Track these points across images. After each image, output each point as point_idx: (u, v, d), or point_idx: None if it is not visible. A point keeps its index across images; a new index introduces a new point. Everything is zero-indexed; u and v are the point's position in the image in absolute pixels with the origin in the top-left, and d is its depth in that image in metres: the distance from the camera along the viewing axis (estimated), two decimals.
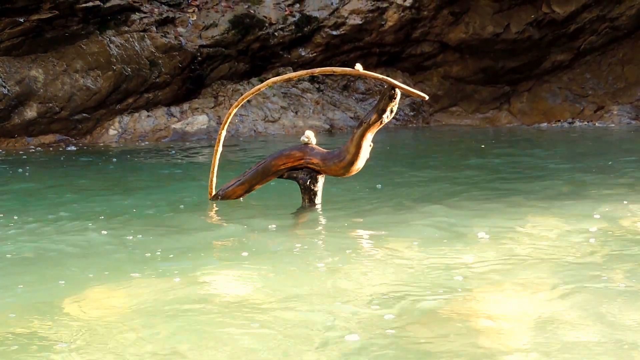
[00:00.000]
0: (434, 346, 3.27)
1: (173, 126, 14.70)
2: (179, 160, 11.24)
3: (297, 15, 16.02)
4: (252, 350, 3.26)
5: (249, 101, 15.15)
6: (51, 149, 13.24)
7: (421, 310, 3.72)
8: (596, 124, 16.94)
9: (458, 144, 13.63)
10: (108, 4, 13.85)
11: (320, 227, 5.87)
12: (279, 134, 15.21)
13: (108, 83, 14.08)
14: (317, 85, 16.68)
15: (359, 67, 5.94)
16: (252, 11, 15.66)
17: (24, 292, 4.14)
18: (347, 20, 16.18)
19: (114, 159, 11.60)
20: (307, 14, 16.07)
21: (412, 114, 17.51)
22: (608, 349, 3.20)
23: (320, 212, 6.28)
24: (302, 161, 6.33)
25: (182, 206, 6.82)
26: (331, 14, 16.16)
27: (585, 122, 17.21)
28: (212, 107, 15.39)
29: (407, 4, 16.31)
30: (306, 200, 6.43)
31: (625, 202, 6.45)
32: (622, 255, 4.71)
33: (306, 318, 3.64)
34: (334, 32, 16.18)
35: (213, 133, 14.38)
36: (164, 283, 4.24)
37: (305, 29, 16.02)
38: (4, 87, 13.17)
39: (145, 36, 14.47)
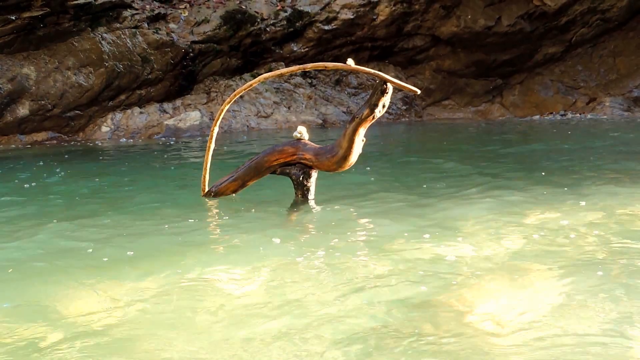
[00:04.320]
0: (427, 337, 3.29)
1: (166, 122, 14.69)
2: (172, 157, 11.23)
3: (289, 10, 16.01)
4: (251, 349, 3.29)
5: (241, 97, 15.15)
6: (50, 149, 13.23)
7: (415, 302, 3.75)
8: (588, 116, 17.00)
9: (451, 137, 13.65)
10: (99, 1, 13.82)
11: (314, 222, 5.89)
12: (271, 129, 15.21)
13: (100, 80, 14.06)
14: (309, 80, 16.68)
15: (350, 62, 5.95)
16: (243, 7, 15.65)
17: (20, 287, 4.16)
18: (338, 15, 16.19)
19: (106, 156, 11.59)
20: (299, 8, 16.06)
21: (404, 108, 17.53)
22: (603, 340, 3.24)
23: (314, 207, 6.30)
24: (295, 157, 6.35)
25: (174, 203, 6.82)
26: (323, 8, 16.15)
27: (578, 114, 17.27)
28: (205, 103, 15.38)
29: None
30: (299, 195, 6.45)
31: (622, 194, 6.49)
32: (619, 246, 4.74)
33: (300, 312, 3.67)
34: (326, 27, 16.18)
35: (205, 129, 14.38)
36: (155, 281, 4.25)
37: (297, 24, 16.02)
38: None
39: (137, 33, 14.44)
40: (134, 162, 10.66)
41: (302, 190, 6.42)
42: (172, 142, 13.34)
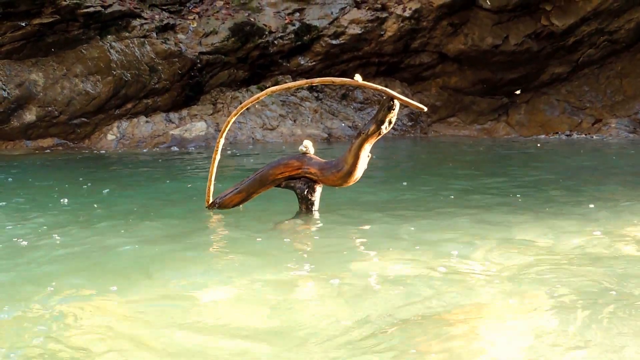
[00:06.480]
0: (430, 355, 3.29)
1: (171, 132, 14.72)
2: (176, 167, 11.25)
3: (297, 23, 16.07)
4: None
5: (247, 109, 15.18)
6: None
7: (413, 321, 3.74)
8: (594, 137, 16.99)
9: (456, 155, 13.65)
10: (109, 10, 13.90)
11: (317, 237, 5.88)
12: (277, 142, 15.24)
13: (107, 88, 14.11)
14: (315, 94, 16.71)
15: (358, 77, 5.95)
16: (252, 19, 15.71)
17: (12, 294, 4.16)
18: (346, 30, 16.24)
19: (111, 164, 11.61)
20: (307, 22, 16.12)
21: (410, 124, 17.56)
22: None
23: (317, 222, 6.30)
24: (300, 170, 6.35)
25: (178, 214, 6.83)
26: (331, 23, 16.21)
27: (583, 135, 17.26)
28: (211, 114, 15.42)
29: (406, 14, 16.36)
30: (303, 209, 6.45)
31: (621, 212, 6.49)
32: (616, 266, 4.73)
33: (300, 328, 3.67)
34: (334, 41, 16.23)
35: (211, 140, 14.41)
36: (154, 294, 4.24)
37: (305, 38, 16.07)
38: (4, 90, 13.20)
39: (146, 42, 14.51)
40: (137, 170, 10.68)
41: (306, 204, 6.42)
42: (177, 152, 13.35)
